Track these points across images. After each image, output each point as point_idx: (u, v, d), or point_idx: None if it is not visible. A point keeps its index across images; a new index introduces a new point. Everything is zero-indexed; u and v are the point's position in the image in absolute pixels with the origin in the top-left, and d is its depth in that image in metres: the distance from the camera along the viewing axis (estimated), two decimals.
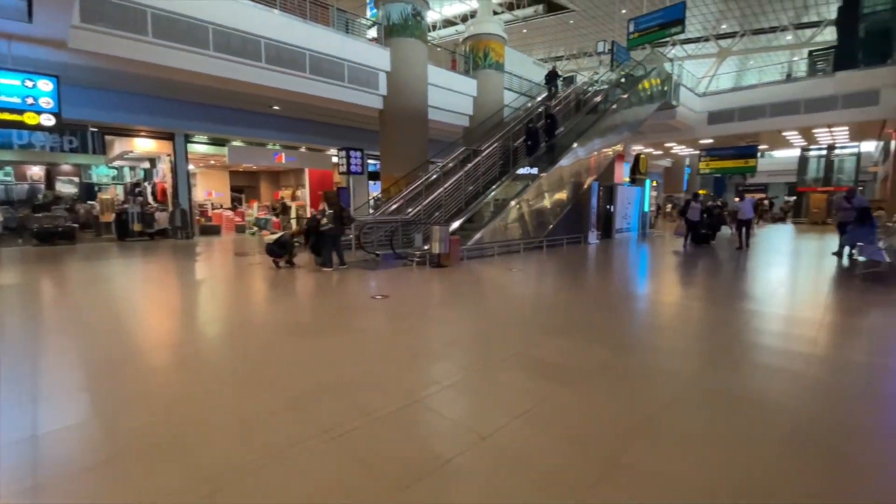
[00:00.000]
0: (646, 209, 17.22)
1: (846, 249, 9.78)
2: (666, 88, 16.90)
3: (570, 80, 19.47)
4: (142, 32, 8.91)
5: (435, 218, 10.93)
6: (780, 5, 25.10)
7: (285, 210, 16.53)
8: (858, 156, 26.08)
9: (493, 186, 11.60)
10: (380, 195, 13.22)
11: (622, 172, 16.52)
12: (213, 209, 20.08)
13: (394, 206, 11.47)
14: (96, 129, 14.83)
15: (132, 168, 20.24)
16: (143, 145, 14.75)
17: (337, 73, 12.09)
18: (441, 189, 11.21)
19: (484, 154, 12.24)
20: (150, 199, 15.89)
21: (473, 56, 16.19)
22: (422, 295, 6.18)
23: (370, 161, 18.58)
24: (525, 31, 28.23)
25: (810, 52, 24.17)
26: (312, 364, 3.41)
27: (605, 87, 16.36)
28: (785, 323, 4.76)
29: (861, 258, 8.93)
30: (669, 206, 28.61)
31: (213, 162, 20.29)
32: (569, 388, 2.96)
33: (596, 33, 27.58)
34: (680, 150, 25.97)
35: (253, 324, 4.68)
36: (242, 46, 10.33)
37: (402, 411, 2.59)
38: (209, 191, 22.81)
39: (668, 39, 22.67)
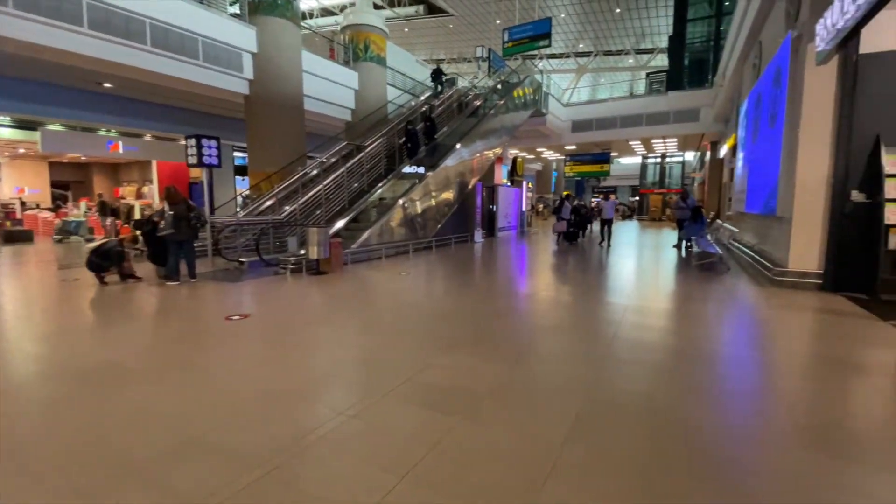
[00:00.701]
0: (524, 209, 18.27)
1: (684, 243, 11.56)
2: (537, 97, 18.13)
3: (452, 82, 19.75)
4: None
5: (315, 218, 9.95)
6: (625, 32, 29.03)
7: (105, 210, 13.57)
8: (683, 164, 31.76)
9: (380, 184, 11.01)
10: (249, 192, 11.64)
11: (501, 174, 17.27)
12: (23, 210, 16.04)
13: (266, 205, 10.16)
14: None
15: None
16: None
17: (189, 49, 10.26)
18: (321, 186, 10.24)
19: (368, 150, 11.56)
20: None
21: (354, 47, 15.31)
22: (293, 311, 5.30)
23: (238, 154, 16.49)
24: (407, 29, 28.04)
25: (647, 74, 28.33)
26: (123, 427, 2.47)
27: (485, 91, 16.89)
28: (653, 316, 5.13)
29: (696, 249, 10.57)
30: (541, 206, 31.15)
31: (22, 150, 16.24)
32: (467, 420, 2.57)
33: (475, 39, 28.62)
34: (549, 154, 28.40)
35: (46, 369, 3.41)
36: (56, 5, 8.07)
37: (252, 489, 1.90)
38: (20, 187, 18.46)
39: (536, 52, 24.48)
